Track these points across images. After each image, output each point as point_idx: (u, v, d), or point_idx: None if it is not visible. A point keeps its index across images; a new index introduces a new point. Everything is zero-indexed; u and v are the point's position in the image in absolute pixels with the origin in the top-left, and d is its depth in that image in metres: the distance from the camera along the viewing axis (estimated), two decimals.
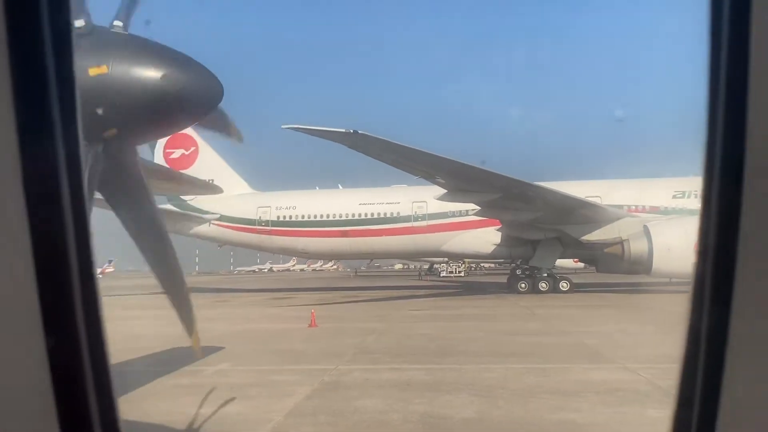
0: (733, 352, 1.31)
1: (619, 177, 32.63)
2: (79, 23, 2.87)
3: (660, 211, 27.49)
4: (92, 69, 2.85)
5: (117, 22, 3.00)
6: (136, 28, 3.12)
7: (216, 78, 3.12)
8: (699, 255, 1.39)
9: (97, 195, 3.21)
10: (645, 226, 24.29)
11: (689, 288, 1.46)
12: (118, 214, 3.34)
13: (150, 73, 2.93)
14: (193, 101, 3.11)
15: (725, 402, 1.33)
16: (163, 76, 2.93)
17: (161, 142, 34.30)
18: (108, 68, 2.88)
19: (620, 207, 27.15)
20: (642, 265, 24.51)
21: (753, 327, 1.31)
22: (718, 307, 1.33)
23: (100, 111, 2.90)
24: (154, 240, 3.47)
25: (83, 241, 1.50)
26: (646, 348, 10.70)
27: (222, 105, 3.36)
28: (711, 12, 1.39)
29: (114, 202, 3.30)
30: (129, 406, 7.00)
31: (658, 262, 23.46)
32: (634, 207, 27.77)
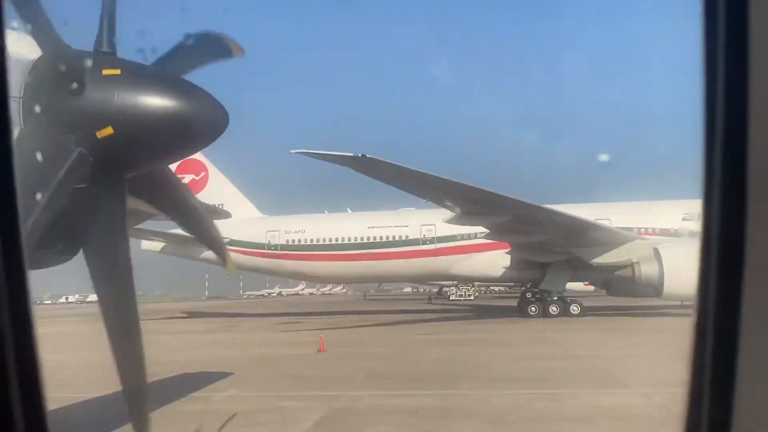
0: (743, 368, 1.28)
1: (628, 200, 32.50)
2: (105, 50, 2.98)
3: (670, 233, 27.31)
4: (106, 70, 2.89)
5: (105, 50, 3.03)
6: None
7: (220, 105, 3.13)
8: (702, 269, 1.36)
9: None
10: (655, 249, 24.13)
11: (694, 304, 1.43)
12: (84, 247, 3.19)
13: (158, 96, 2.95)
14: (198, 130, 3.12)
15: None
16: (170, 101, 2.96)
17: (172, 167, 34.58)
18: (120, 72, 2.91)
19: (630, 229, 27.00)
20: (653, 288, 24.31)
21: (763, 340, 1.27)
22: (725, 322, 1.29)
23: (101, 107, 2.91)
24: (112, 284, 3.23)
25: (12, 244, 1.47)
26: (658, 372, 10.54)
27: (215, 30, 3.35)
28: (705, 25, 1.38)
29: (82, 226, 3.16)
30: None
31: (669, 285, 23.25)
32: (644, 229, 27.60)
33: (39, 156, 2.76)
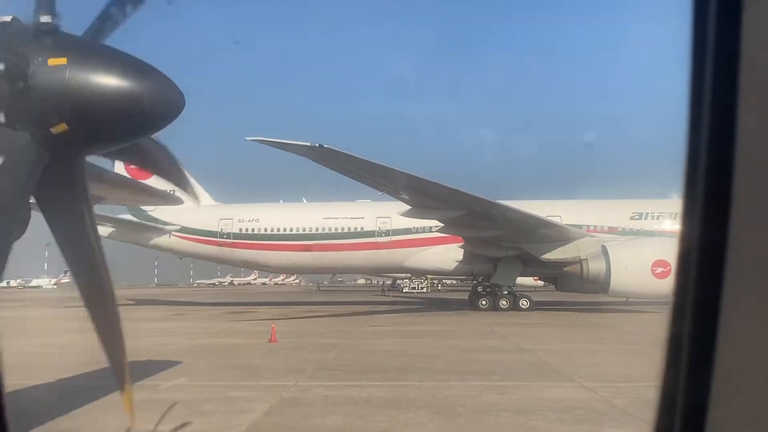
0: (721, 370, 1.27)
1: (579, 198, 33.35)
2: (45, 19, 2.81)
3: (618, 231, 28.10)
4: (51, 59, 2.78)
5: (44, 18, 2.90)
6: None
7: (176, 86, 3.05)
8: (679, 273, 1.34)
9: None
10: (603, 246, 24.80)
11: (670, 303, 1.40)
12: (50, 225, 3.16)
13: (110, 81, 2.85)
14: (153, 111, 3.03)
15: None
16: (123, 85, 2.86)
17: None
18: (67, 61, 2.79)
19: (579, 227, 27.66)
20: (600, 284, 24.99)
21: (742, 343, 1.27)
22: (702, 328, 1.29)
23: (51, 103, 2.80)
24: (86, 264, 3.23)
25: None
26: (603, 367, 10.87)
27: (187, 170, 3.34)
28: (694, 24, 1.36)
29: (48, 211, 3.12)
30: (79, 422, 6.81)
31: (616, 282, 23.96)
32: (592, 227, 28.32)
33: None
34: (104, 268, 3.22)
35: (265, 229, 32.37)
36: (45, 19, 2.83)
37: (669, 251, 23.45)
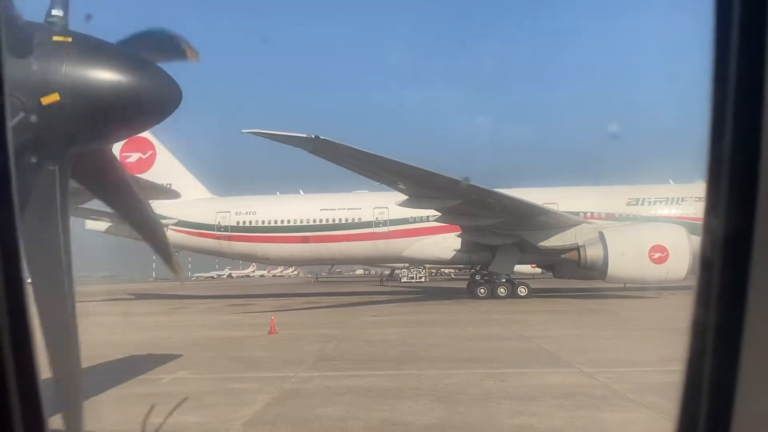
0: (747, 359, 1.24)
1: (576, 184, 33.40)
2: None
3: (615, 218, 28.17)
4: (44, 98, 2.74)
5: (55, 11, 2.86)
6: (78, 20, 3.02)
7: (173, 80, 3.03)
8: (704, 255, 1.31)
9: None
10: (600, 233, 24.87)
11: (695, 285, 1.37)
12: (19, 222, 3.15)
13: (104, 77, 2.83)
14: (149, 105, 3.01)
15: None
16: (117, 80, 2.84)
17: (117, 145, 33.50)
18: (59, 96, 2.76)
19: (576, 214, 27.71)
20: (597, 270, 25.10)
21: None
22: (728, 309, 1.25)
23: (58, 137, 2.80)
24: (49, 266, 2.99)
25: (10, 247, 1.45)
26: (602, 352, 10.94)
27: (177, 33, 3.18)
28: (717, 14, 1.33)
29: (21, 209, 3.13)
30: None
31: (613, 268, 24.07)
32: (589, 213, 28.37)
33: None
34: (69, 273, 3.05)
35: (263, 222, 32.37)
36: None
37: (666, 236, 23.61)
